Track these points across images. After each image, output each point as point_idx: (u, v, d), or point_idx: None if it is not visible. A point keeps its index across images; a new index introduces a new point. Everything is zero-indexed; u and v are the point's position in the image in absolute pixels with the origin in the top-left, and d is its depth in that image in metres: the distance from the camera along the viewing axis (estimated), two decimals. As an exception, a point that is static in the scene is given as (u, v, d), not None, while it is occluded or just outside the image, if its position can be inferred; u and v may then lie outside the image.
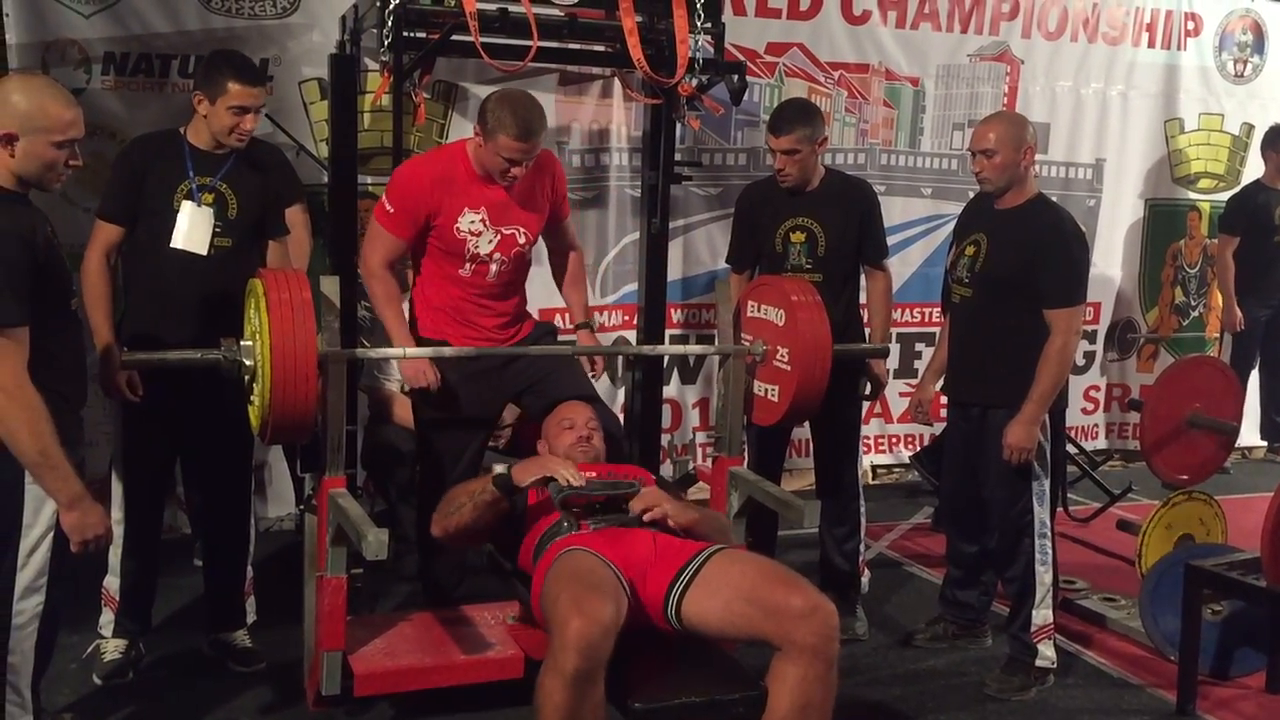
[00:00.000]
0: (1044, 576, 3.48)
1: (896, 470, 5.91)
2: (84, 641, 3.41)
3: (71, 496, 2.42)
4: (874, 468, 5.88)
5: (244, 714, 3.19)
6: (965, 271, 3.51)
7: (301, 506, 3.39)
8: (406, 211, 3.28)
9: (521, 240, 3.39)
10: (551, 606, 2.45)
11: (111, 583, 3.37)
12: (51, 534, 2.46)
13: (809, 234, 3.79)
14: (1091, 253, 6.13)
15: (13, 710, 2.47)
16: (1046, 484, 3.48)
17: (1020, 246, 3.38)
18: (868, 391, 4.00)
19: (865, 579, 4.03)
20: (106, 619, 3.39)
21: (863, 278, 3.98)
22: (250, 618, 3.56)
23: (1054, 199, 5.22)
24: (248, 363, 2.90)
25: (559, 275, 3.70)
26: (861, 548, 4.01)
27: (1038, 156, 5.70)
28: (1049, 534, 3.50)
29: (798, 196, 3.81)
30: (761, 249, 3.90)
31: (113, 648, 3.36)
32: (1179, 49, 6.17)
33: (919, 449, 5.62)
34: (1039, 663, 3.49)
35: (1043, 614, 3.49)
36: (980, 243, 3.47)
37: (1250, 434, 6.40)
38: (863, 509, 3.99)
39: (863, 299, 4.02)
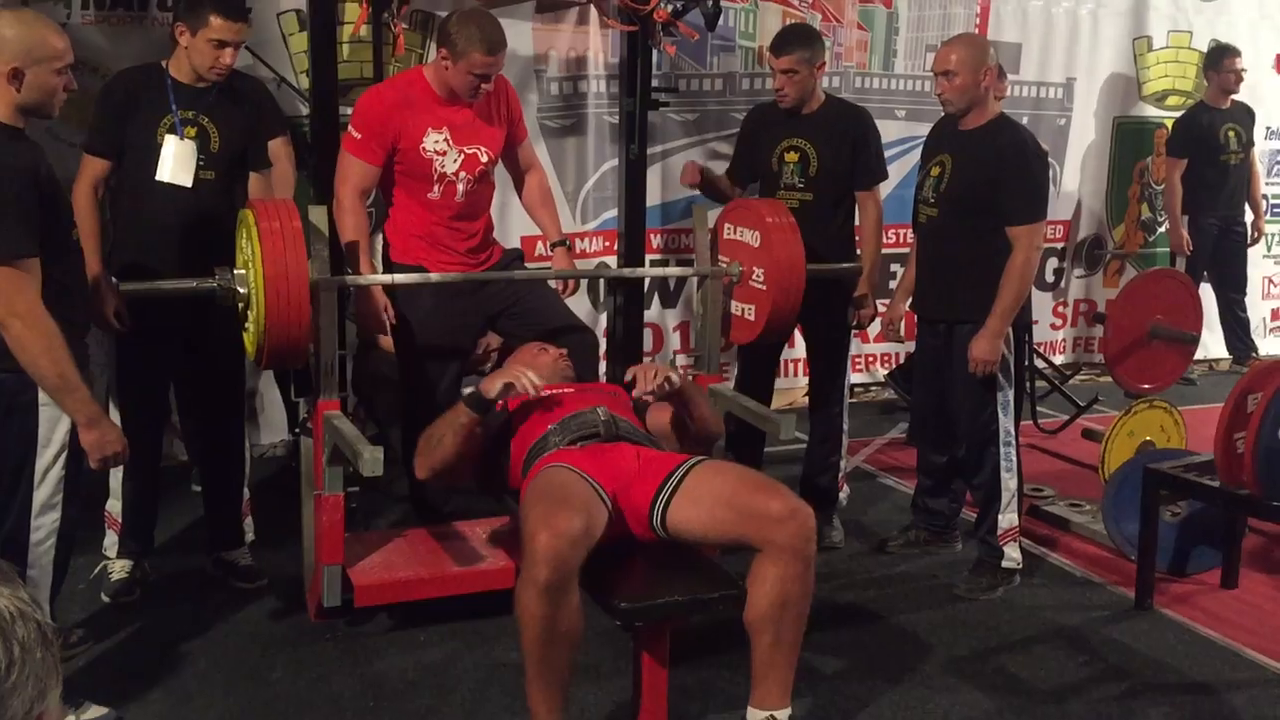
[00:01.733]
0: (1009, 482, 3.64)
1: (873, 388, 6.06)
2: (90, 564, 3.53)
3: (90, 416, 2.56)
4: (851, 386, 6.01)
5: (249, 626, 3.33)
6: (931, 192, 3.62)
7: (297, 430, 3.51)
8: (374, 136, 3.38)
9: (484, 159, 3.50)
10: (524, 522, 2.56)
11: (114, 506, 3.49)
12: (65, 453, 2.58)
13: (802, 154, 3.90)
14: (1062, 170, 6.26)
15: (31, 624, 2.59)
16: (1010, 394, 3.62)
17: (982, 165, 3.48)
18: (855, 323, 4.09)
19: (844, 494, 4.19)
20: (110, 541, 3.51)
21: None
22: (249, 537, 3.70)
23: (1024, 118, 5.33)
24: (241, 290, 3.00)
25: (526, 198, 3.81)
26: (842, 464, 4.15)
27: (1011, 76, 5.79)
28: (1013, 442, 3.65)
29: (795, 118, 3.91)
30: (759, 168, 4.02)
31: (119, 568, 3.49)
32: (1148, -35, 6.25)
33: (894, 367, 5.77)
34: (1005, 564, 3.67)
35: (1008, 518, 3.66)
36: (945, 163, 3.57)
37: (1216, 347, 6.58)
38: (845, 427, 4.13)
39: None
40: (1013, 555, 3.68)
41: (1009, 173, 3.44)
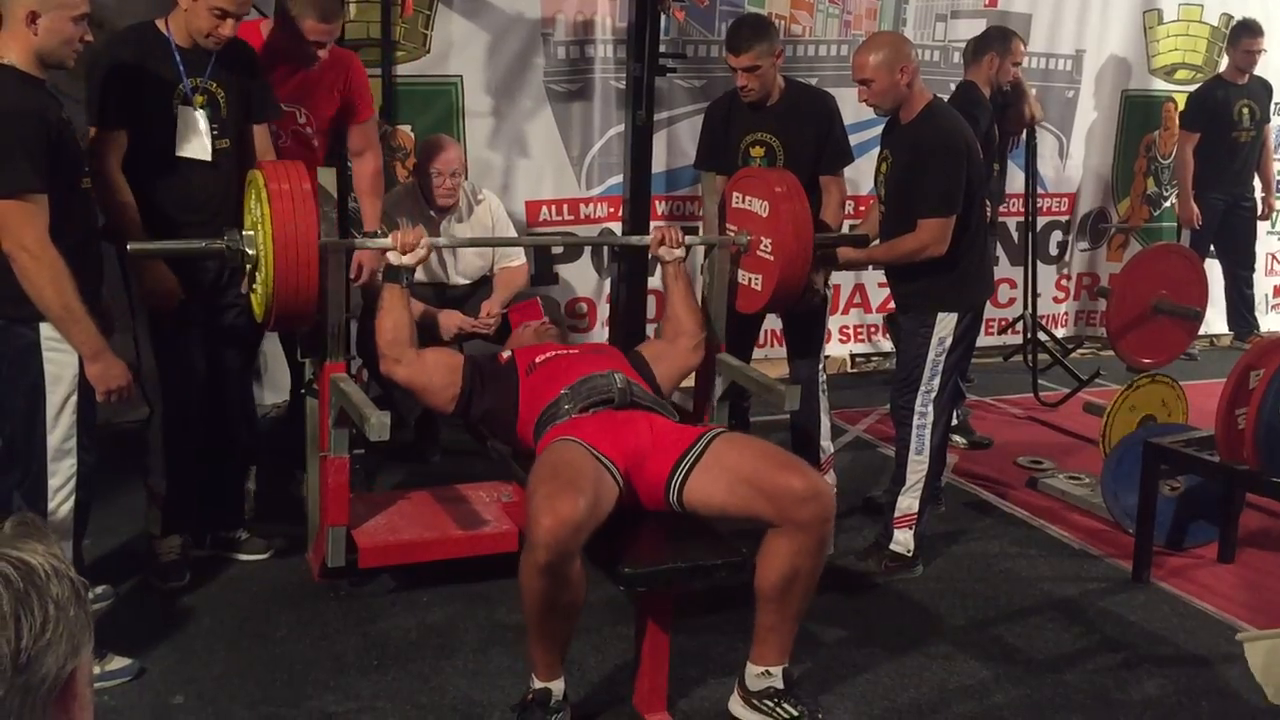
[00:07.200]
0: (917, 465, 3.58)
1: (875, 359, 6.07)
2: (99, 518, 3.52)
3: (95, 349, 2.63)
4: (852, 356, 6.04)
5: (252, 584, 3.36)
6: (881, 187, 3.62)
7: (303, 391, 3.51)
8: None
9: (300, 120, 3.53)
10: (530, 497, 2.54)
11: (158, 483, 3.38)
12: (76, 395, 2.62)
13: (768, 148, 3.87)
14: (1068, 143, 6.25)
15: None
16: (936, 383, 3.53)
17: (910, 158, 3.47)
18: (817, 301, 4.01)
19: (830, 479, 3.99)
20: (155, 516, 3.40)
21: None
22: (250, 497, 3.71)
23: (1033, 91, 5.29)
24: (250, 252, 2.99)
25: (355, 181, 3.82)
26: (827, 443, 4.00)
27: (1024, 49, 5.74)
28: (928, 425, 3.55)
29: (759, 111, 3.86)
30: (726, 161, 3.91)
31: (167, 547, 3.37)
32: (1162, -63, 6.20)
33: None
34: (893, 547, 3.59)
35: (907, 501, 3.59)
36: (888, 158, 3.58)
37: (1218, 322, 6.59)
38: (823, 380, 3.98)
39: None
40: (901, 539, 3.58)
41: (923, 164, 3.43)
